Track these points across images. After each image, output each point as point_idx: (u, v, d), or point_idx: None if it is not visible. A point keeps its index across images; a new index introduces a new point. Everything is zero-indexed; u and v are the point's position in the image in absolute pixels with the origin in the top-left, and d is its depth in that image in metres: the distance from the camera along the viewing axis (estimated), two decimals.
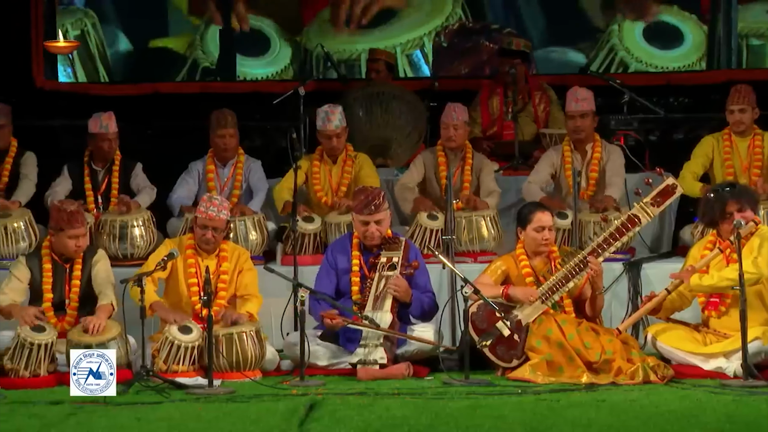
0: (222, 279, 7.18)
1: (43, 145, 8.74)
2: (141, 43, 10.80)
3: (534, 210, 7.10)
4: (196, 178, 8.45)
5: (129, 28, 10.81)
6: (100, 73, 10.76)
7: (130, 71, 10.75)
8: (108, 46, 10.76)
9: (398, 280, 6.96)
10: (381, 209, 7.13)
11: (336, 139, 8.31)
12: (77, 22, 10.74)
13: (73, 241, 7.00)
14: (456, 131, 8.31)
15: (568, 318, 6.88)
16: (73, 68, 10.71)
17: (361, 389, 6.44)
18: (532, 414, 5.86)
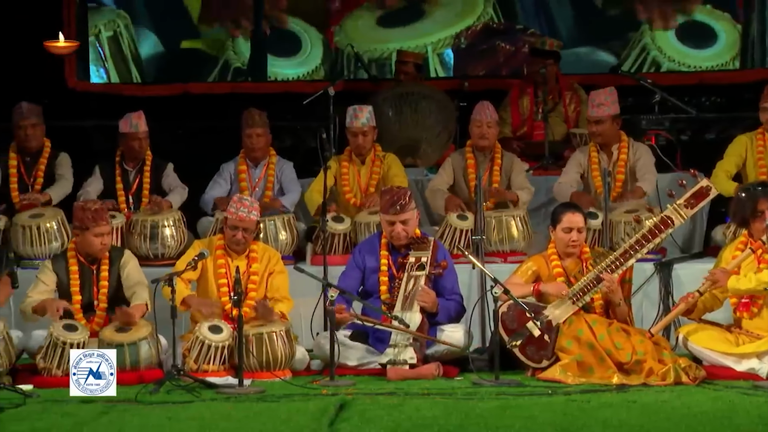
0: (252, 279, 7.20)
1: (76, 145, 8.80)
2: (172, 44, 10.85)
3: (565, 210, 7.07)
4: (227, 179, 8.48)
5: (160, 29, 10.86)
6: (133, 74, 10.82)
7: (161, 72, 10.81)
8: (140, 46, 10.83)
9: (425, 294, 6.95)
10: (407, 209, 7.13)
11: (362, 137, 8.31)
12: (110, 24, 10.80)
13: (98, 239, 7.04)
14: (489, 129, 8.30)
15: (599, 318, 6.85)
16: (105, 69, 10.78)
17: (391, 389, 6.44)
18: (563, 415, 5.84)
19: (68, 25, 10.45)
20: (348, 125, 8.36)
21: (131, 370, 6.77)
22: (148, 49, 10.85)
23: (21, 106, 8.33)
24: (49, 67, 10.24)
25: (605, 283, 6.79)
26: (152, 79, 10.80)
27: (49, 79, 10.14)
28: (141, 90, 10.52)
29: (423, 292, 6.95)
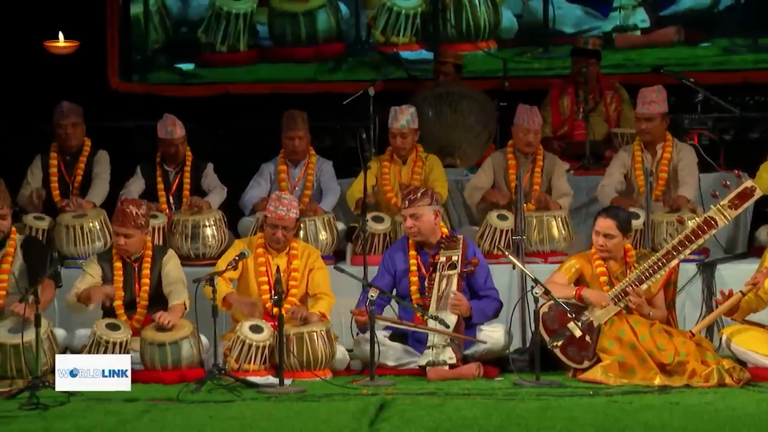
0: (293, 277, 7.22)
1: (118, 146, 8.86)
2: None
3: (600, 213, 7.06)
4: (267, 179, 8.50)
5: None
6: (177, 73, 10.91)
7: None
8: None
9: (458, 299, 6.94)
10: (416, 204, 7.10)
11: (401, 139, 8.31)
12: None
13: (116, 237, 7.10)
14: (535, 136, 8.27)
15: (641, 319, 6.80)
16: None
17: (431, 389, 6.44)
18: (604, 416, 5.80)
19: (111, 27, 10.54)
20: (389, 126, 8.36)
21: (173, 369, 6.81)
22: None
23: (61, 106, 8.40)
24: (92, 69, 10.33)
25: (631, 297, 6.75)
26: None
27: (91, 80, 10.23)
28: (182, 90, 10.58)
29: (455, 300, 6.93)
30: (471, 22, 10.40)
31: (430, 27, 10.48)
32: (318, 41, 10.46)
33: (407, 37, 10.28)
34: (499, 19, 10.50)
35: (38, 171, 8.40)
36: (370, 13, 10.53)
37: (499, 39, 10.49)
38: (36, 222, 8.03)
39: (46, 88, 9.84)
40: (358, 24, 10.45)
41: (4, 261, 7.05)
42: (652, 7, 10.40)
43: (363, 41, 10.47)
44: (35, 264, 6.97)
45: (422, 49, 10.38)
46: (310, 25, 10.41)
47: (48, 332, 6.76)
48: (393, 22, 10.24)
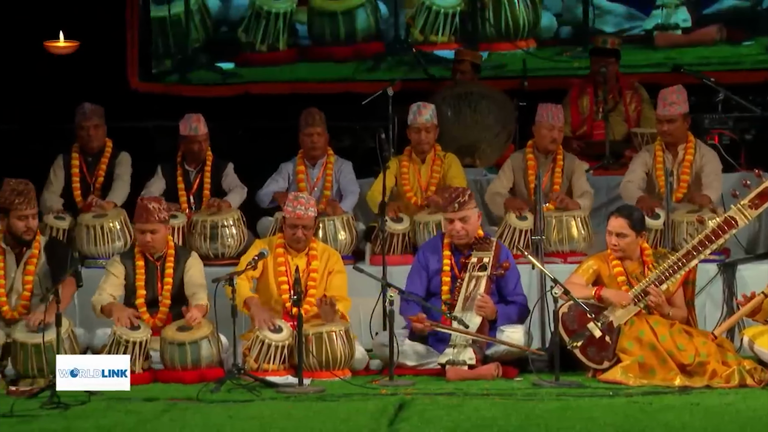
0: (312, 278, 7.23)
1: (138, 146, 8.89)
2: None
3: (613, 213, 7.04)
4: (285, 178, 8.51)
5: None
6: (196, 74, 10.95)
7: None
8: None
9: (484, 300, 6.93)
10: (465, 207, 7.11)
11: (425, 133, 8.31)
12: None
13: (142, 235, 7.10)
14: (559, 134, 8.26)
15: (661, 319, 6.78)
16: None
17: (451, 389, 6.43)
18: (624, 417, 5.78)
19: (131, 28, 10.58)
20: (411, 122, 8.35)
21: (192, 368, 6.83)
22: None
23: (83, 107, 8.44)
24: (112, 69, 10.37)
25: (651, 297, 6.73)
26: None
27: (111, 80, 10.27)
28: (202, 91, 10.61)
29: (481, 302, 6.92)
30: (510, 21, 10.39)
31: (469, 26, 10.48)
32: (357, 40, 10.52)
33: (446, 36, 10.32)
34: (538, 18, 10.47)
35: (60, 171, 8.44)
36: (409, 12, 10.56)
37: (538, 38, 10.45)
38: (57, 222, 8.07)
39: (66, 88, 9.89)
40: (397, 23, 10.48)
41: (29, 262, 7.09)
42: (695, 6, 10.33)
43: (402, 40, 10.50)
44: (58, 265, 7.00)
45: (460, 48, 10.32)
46: (349, 24, 10.47)
47: (69, 332, 6.79)
48: (432, 21, 10.28)
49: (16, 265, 7.10)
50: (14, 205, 6.98)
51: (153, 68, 10.68)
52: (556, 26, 10.54)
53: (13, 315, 7.03)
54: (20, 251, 7.11)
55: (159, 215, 7.14)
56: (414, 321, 6.91)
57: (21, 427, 5.71)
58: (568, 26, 10.54)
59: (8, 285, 7.07)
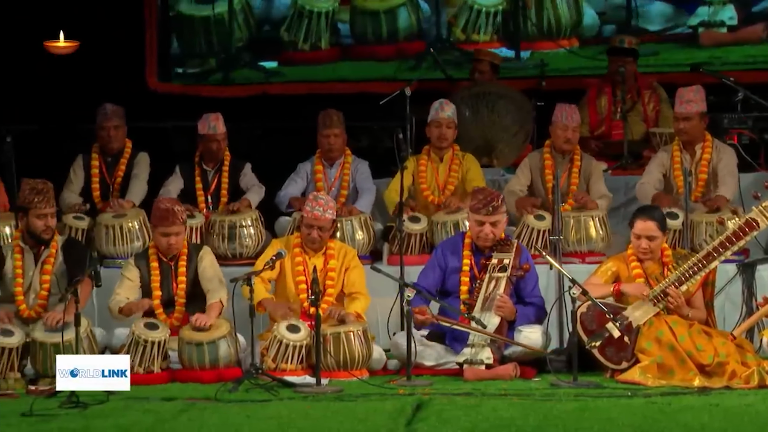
0: (329, 277, 7.23)
1: (156, 146, 8.91)
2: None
3: (638, 216, 7.00)
4: (304, 177, 8.53)
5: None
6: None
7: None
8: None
9: (504, 301, 6.92)
10: (498, 211, 7.11)
11: (445, 129, 8.30)
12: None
13: (165, 238, 7.12)
14: (574, 134, 8.23)
15: (680, 320, 6.75)
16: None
17: (468, 390, 6.43)
18: (642, 417, 5.76)
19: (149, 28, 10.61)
20: (432, 117, 8.33)
21: (210, 368, 6.84)
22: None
23: (105, 108, 8.47)
24: (131, 69, 10.40)
25: (670, 299, 6.70)
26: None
27: (130, 80, 10.30)
28: (219, 91, 10.63)
29: (500, 302, 6.91)
30: (552, 19, 10.35)
31: (511, 25, 10.45)
32: (399, 39, 10.52)
33: (488, 35, 10.31)
34: (580, 16, 10.42)
35: (80, 170, 8.48)
36: (450, 11, 10.55)
37: (581, 37, 10.40)
38: (76, 222, 8.10)
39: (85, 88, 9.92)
40: (439, 22, 10.48)
41: (47, 261, 7.12)
42: (743, 3, 10.22)
43: (443, 39, 10.50)
44: (75, 265, 7.03)
45: (503, 47, 10.34)
46: (391, 23, 10.48)
47: (87, 331, 6.81)
48: (474, 20, 10.28)
49: (34, 264, 7.13)
50: (33, 204, 7.01)
51: (195, 67, 10.69)
52: (599, 25, 10.46)
53: (31, 314, 7.06)
54: (38, 250, 7.14)
55: (182, 217, 7.18)
56: (416, 312, 6.90)
57: (41, 426, 5.74)
58: (611, 24, 10.45)
59: (26, 284, 7.10)
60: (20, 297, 7.08)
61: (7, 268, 7.11)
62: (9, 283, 7.11)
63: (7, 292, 7.13)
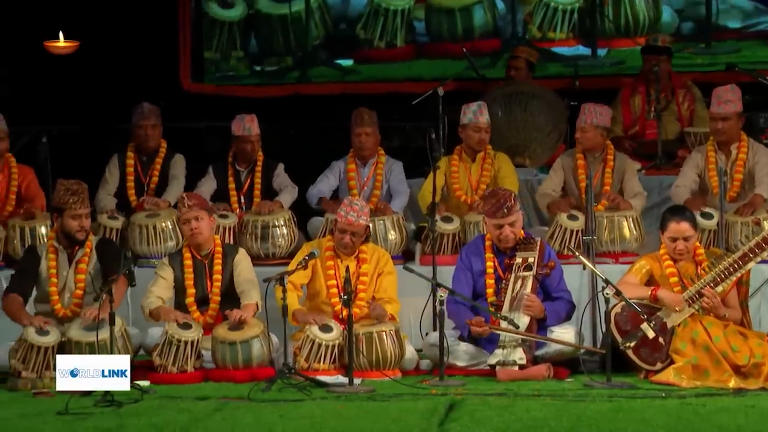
0: (361, 281, 7.23)
1: (189, 146, 8.97)
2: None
3: (671, 218, 6.93)
4: (336, 175, 8.54)
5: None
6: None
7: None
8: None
9: (531, 300, 6.90)
10: (513, 211, 7.08)
11: (485, 133, 8.30)
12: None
13: (187, 224, 7.16)
14: (583, 134, 8.17)
15: (715, 320, 6.71)
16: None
17: (501, 390, 6.41)
18: (677, 419, 5.73)
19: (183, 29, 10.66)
20: (473, 121, 8.28)
21: (244, 367, 6.86)
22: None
23: (142, 107, 8.53)
24: (165, 70, 10.46)
25: (706, 299, 6.65)
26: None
27: (164, 81, 10.36)
28: (253, 91, 10.67)
29: (528, 301, 6.89)
30: (630, 17, 10.28)
31: (588, 22, 10.40)
32: (474, 37, 10.52)
33: (564, 33, 10.27)
34: (658, 13, 10.35)
35: (116, 170, 8.54)
36: (526, 8, 10.54)
37: (659, 34, 10.32)
38: (110, 222, 8.16)
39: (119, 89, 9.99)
40: (515, 20, 10.48)
41: (81, 261, 7.17)
42: None
43: (519, 37, 10.49)
44: (109, 265, 7.08)
45: (579, 44, 10.29)
46: (466, 20, 10.50)
47: (122, 330, 6.85)
48: (550, 17, 10.26)
49: (69, 264, 7.18)
50: (68, 204, 7.07)
51: (272, 65, 10.75)
52: (677, 22, 10.38)
53: (66, 313, 7.11)
54: (72, 250, 7.19)
55: (200, 202, 7.23)
56: (473, 325, 6.88)
57: (76, 424, 5.78)
58: (690, 22, 10.37)
59: (61, 284, 7.16)
60: (55, 297, 7.14)
61: (42, 268, 7.17)
62: (44, 283, 7.17)
63: (42, 291, 7.19)
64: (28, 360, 6.72)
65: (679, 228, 6.87)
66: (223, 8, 10.69)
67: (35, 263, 7.17)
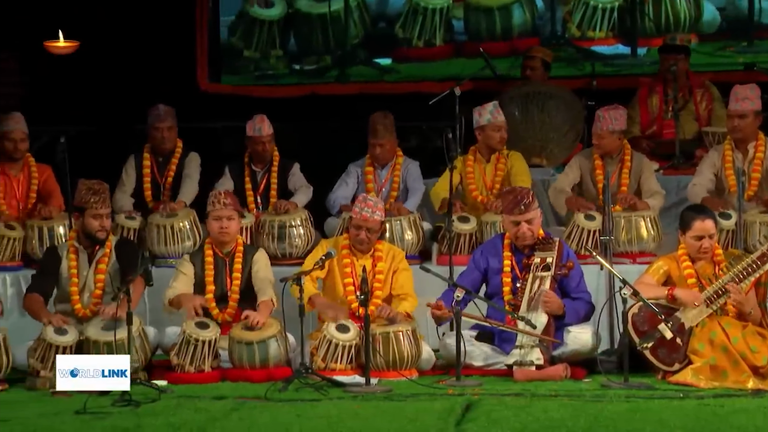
0: (377, 279, 7.23)
1: (206, 147, 8.98)
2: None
3: (695, 217, 6.89)
4: (354, 179, 8.54)
5: None
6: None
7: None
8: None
9: (549, 296, 6.88)
10: (531, 208, 7.06)
11: (505, 132, 8.29)
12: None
13: (217, 222, 7.17)
14: (600, 140, 8.14)
15: (733, 321, 6.68)
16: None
17: (518, 390, 6.40)
18: (695, 419, 5.71)
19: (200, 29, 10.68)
20: (491, 121, 8.26)
21: (260, 367, 6.88)
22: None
23: (158, 109, 8.55)
24: (182, 70, 10.49)
25: (732, 295, 6.61)
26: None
27: (181, 81, 10.38)
28: (270, 91, 10.68)
29: (546, 298, 6.87)
30: (670, 15, 10.21)
31: (627, 21, 10.33)
32: (513, 36, 10.49)
33: (603, 32, 10.22)
34: (700, 12, 10.26)
35: (132, 171, 8.57)
36: (565, 7, 10.50)
37: (700, 33, 10.26)
38: (128, 222, 8.18)
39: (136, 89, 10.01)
40: (554, 18, 10.44)
41: (101, 261, 7.20)
42: None
43: (558, 36, 10.46)
44: (128, 265, 7.11)
45: (619, 43, 10.24)
46: (505, 19, 10.47)
47: (140, 330, 6.88)
48: (589, 16, 10.21)
49: (89, 264, 7.21)
50: (90, 204, 7.10)
51: (311, 64, 10.76)
52: (719, 20, 10.29)
53: (86, 313, 7.14)
54: (93, 250, 7.22)
55: (235, 204, 7.27)
56: (432, 307, 6.87)
57: (94, 423, 5.80)
58: (732, 20, 10.26)
59: (81, 284, 7.19)
60: (75, 297, 7.17)
61: (63, 268, 7.20)
62: (65, 283, 7.20)
63: (62, 291, 7.23)
64: (47, 359, 6.75)
65: (704, 226, 6.84)
66: (263, 7, 10.69)
67: (56, 263, 7.21)
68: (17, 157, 8.31)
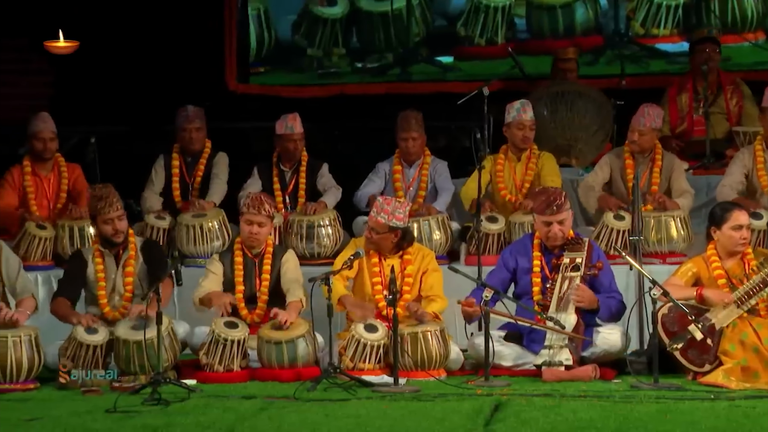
0: (406, 282, 7.22)
1: (235, 147, 9.01)
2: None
3: (731, 208, 6.86)
4: (382, 177, 8.55)
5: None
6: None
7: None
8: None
9: (581, 291, 6.85)
10: (563, 209, 7.04)
11: (530, 131, 8.28)
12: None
13: (249, 226, 7.19)
14: (641, 137, 8.11)
15: (764, 322, 6.63)
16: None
17: (547, 390, 6.38)
18: (726, 421, 5.67)
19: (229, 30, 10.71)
20: (516, 119, 8.26)
21: (289, 367, 6.89)
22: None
23: (186, 110, 8.59)
24: (210, 70, 10.52)
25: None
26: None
27: (210, 82, 10.42)
28: (298, 91, 10.70)
29: (578, 290, 6.84)
30: (737, 12, 10.09)
31: (693, 18, 10.24)
32: (576, 34, 10.44)
33: (668, 29, 10.15)
34: (767, 8, 10.15)
35: (161, 171, 8.61)
36: (629, 5, 10.42)
37: (715, 28, 10.16)
38: (157, 222, 8.23)
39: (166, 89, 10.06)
40: (617, 16, 10.37)
41: (128, 263, 7.24)
42: None
43: (622, 33, 10.39)
44: (155, 265, 7.14)
45: (683, 41, 10.14)
46: (568, 17, 10.43)
47: (169, 329, 6.90)
48: (654, 13, 10.15)
49: (116, 267, 7.24)
50: (98, 210, 7.14)
51: (373, 62, 10.75)
52: None
53: (115, 315, 7.17)
54: (118, 253, 7.25)
55: (269, 211, 7.27)
56: (464, 305, 6.85)
57: (124, 422, 5.83)
58: None
59: (109, 287, 7.22)
60: (104, 300, 7.21)
61: (89, 272, 7.23)
62: (92, 287, 7.24)
63: (91, 295, 7.26)
64: (78, 358, 6.79)
65: (744, 216, 6.80)
66: (325, 6, 10.71)
67: (82, 268, 7.24)
68: (47, 156, 8.37)
